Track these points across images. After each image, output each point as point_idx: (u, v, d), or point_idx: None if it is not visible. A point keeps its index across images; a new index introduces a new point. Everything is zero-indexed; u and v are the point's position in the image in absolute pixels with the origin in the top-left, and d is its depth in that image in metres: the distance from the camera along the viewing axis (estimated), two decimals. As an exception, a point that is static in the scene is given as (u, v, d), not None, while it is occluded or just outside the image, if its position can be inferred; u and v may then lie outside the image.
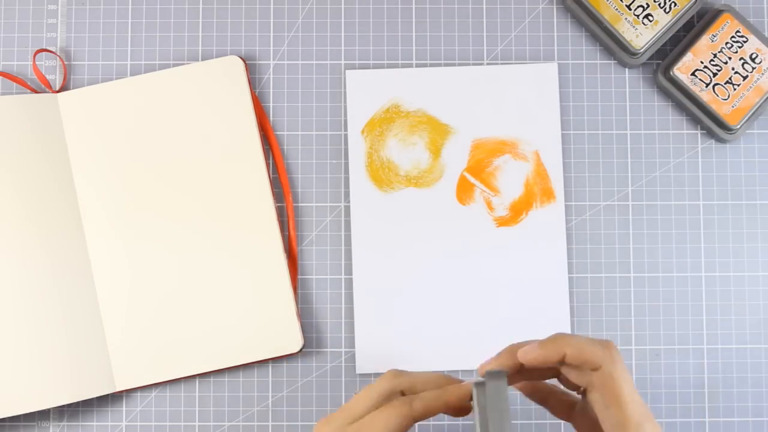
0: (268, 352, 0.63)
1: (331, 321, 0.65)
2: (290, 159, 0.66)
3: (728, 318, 0.65)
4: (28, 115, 0.64)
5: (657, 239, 0.65)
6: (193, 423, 0.64)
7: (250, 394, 0.64)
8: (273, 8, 0.67)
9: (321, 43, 0.67)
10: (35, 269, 0.62)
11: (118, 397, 0.64)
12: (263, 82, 0.67)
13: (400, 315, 0.64)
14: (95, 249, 0.64)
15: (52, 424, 0.64)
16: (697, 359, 0.65)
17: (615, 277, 0.65)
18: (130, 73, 0.67)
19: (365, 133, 0.66)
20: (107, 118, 0.65)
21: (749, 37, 0.64)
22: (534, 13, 0.67)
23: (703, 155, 0.66)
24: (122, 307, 0.63)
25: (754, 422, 0.64)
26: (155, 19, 0.67)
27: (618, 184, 0.66)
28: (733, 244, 0.66)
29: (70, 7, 0.67)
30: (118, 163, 0.64)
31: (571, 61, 0.67)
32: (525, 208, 0.65)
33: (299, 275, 0.65)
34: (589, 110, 0.66)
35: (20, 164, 0.63)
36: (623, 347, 0.65)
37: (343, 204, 0.66)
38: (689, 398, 0.64)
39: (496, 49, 0.67)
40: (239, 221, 0.64)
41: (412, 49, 0.67)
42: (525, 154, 0.65)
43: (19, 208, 0.63)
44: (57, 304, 0.62)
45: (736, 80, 0.64)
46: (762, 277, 0.65)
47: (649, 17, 0.64)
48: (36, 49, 0.67)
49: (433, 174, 0.65)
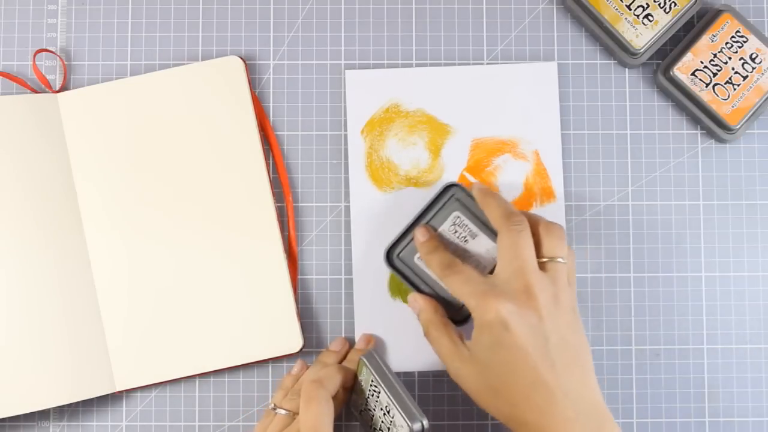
0: (268, 352, 0.63)
1: (331, 321, 0.65)
2: (290, 159, 0.66)
3: (728, 318, 0.65)
4: (28, 115, 0.64)
5: (657, 239, 0.65)
6: (193, 423, 0.64)
7: (250, 394, 0.64)
8: (273, 8, 0.67)
9: (321, 43, 0.67)
10: (36, 269, 0.62)
11: (118, 397, 0.64)
12: (263, 82, 0.67)
13: (400, 315, 0.64)
14: (95, 249, 0.64)
15: (52, 424, 0.64)
16: (697, 359, 0.64)
17: (615, 277, 0.65)
18: (130, 73, 0.67)
19: (365, 133, 0.66)
20: (107, 118, 0.65)
21: (749, 37, 0.64)
22: (534, 13, 0.67)
23: (703, 155, 0.66)
24: (122, 307, 0.63)
25: (754, 422, 0.64)
26: (155, 19, 0.67)
27: (618, 184, 0.66)
28: (733, 244, 0.66)
29: (70, 7, 0.67)
30: (118, 163, 0.64)
31: (571, 61, 0.67)
32: (525, 208, 0.65)
33: (299, 275, 0.65)
34: (589, 110, 0.66)
35: (20, 164, 0.63)
36: (623, 347, 0.65)
37: (343, 204, 0.66)
38: (689, 398, 0.64)
39: (496, 49, 0.67)
40: (239, 221, 0.64)
41: (412, 49, 0.67)
42: (525, 153, 0.65)
43: (19, 208, 0.63)
44: (57, 304, 0.62)
45: (736, 80, 0.64)
46: (762, 277, 0.65)
47: (649, 17, 0.64)
48: (36, 49, 0.67)
49: (432, 174, 0.65)
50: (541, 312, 0.52)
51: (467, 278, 0.54)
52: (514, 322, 0.51)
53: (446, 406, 0.64)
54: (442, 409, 0.64)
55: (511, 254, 0.53)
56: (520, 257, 0.53)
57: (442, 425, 0.64)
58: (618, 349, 0.65)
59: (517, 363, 0.51)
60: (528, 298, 0.52)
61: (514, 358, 0.51)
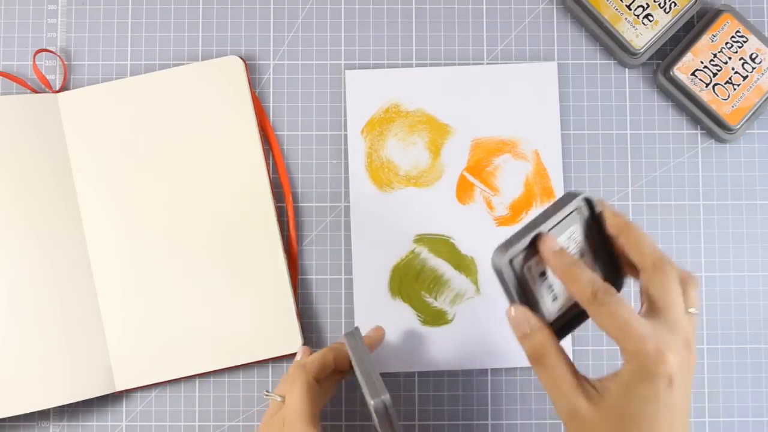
0: (268, 352, 0.63)
1: (331, 321, 0.65)
2: (290, 159, 0.66)
3: (728, 318, 0.65)
4: (28, 115, 0.64)
5: (657, 239, 0.65)
6: (193, 423, 0.64)
7: (250, 394, 0.64)
8: (273, 8, 0.67)
9: (321, 43, 0.67)
10: (35, 269, 0.62)
11: (118, 397, 0.64)
12: (263, 82, 0.67)
13: (400, 315, 0.64)
14: (95, 249, 0.64)
15: (52, 424, 0.64)
16: (697, 359, 0.64)
17: (615, 277, 0.65)
18: (130, 73, 0.67)
19: (365, 133, 0.66)
20: (107, 118, 0.65)
21: (749, 37, 0.64)
22: (534, 13, 0.67)
23: (703, 155, 0.66)
24: (122, 307, 0.63)
25: (754, 422, 0.64)
26: (155, 19, 0.67)
27: (618, 184, 0.66)
28: (733, 244, 0.65)
29: (70, 7, 0.67)
30: (118, 163, 0.64)
31: (571, 61, 0.67)
32: (525, 208, 0.65)
33: (299, 275, 0.65)
34: (589, 110, 0.66)
35: (20, 164, 0.63)
36: (623, 347, 0.64)
37: (343, 204, 0.66)
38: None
39: (496, 49, 0.67)
40: (239, 221, 0.64)
41: (412, 49, 0.67)
42: (525, 153, 0.65)
43: (19, 208, 0.63)
44: (57, 304, 0.62)
45: (736, 80, 0.64)
46: (762, 277, 0.65)
47: (649, 17, 0.64)
48: (36, 49, 0.67)
49: (432, 174, 0.65)
50: (691, 370, 0.48)
51: (631, 314, 0.46)
52: (678, 380, 0.46)
53: (446, 406, 0.64)
54: (442, 409, 0.64)
55: (674, 301, 0.47)
56: (679, 307, 0.47)
57: (442, 425, 0.64)
58: (618, 349, 0.64)
59: (668, 422, 0.46)
60: (688, 353, 0.47)
61: (666, 417, 0.46)
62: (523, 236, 0.47)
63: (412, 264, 0.65)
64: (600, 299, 0.46)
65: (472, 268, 0.65)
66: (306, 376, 0.55)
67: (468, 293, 0.65)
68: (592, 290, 0.46)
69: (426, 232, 0.65)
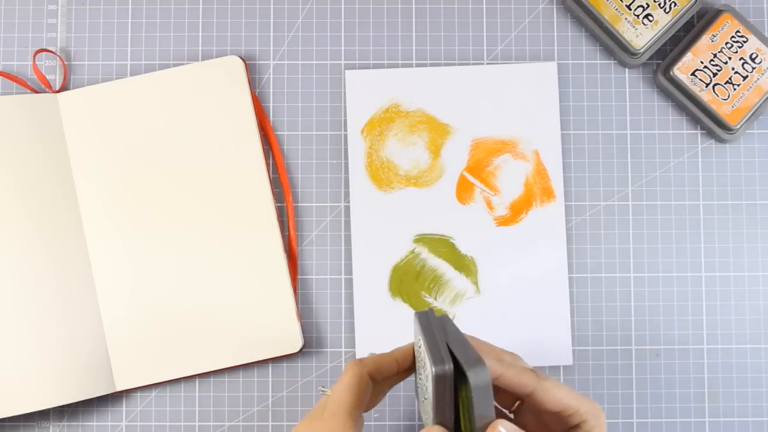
0: (268, 352, 0.63)
1: (331, 321, 0.65)
2: (290, 159, 0.66)
3: (728, 318, 0.65)
4: (28, 115, 0.64)
5: (657, 239, 0.65)
6: (193, 423, 0.64)
7: (250, 394, 0.64)
8: (273, 8, 0.67)
9: (321, 43, 0.67)
10: (35, 269, 0.62)
11: (118, 397, 0.64)
12: (263, 82, 0.67)
13: (400, 315, 0.64)
14: (95, 249, 0.64)
15: (52, 424, 0.64)
16: (697, 359, 0.64)
17: (615, 277, 0.65)
18: (130, 73, 0.67)
19: (365, 133, 0.66)
20: (107, 118, 0.65)
21: (749, 37, 0.64)
22: (534, 13, 0.67)
23: (703, 155, 0.66)
24: (122, 307, 0.63)
25: (754, 422, 0.64)
26: (155, 19, 0.67)
27: (618, 184, 0.66)
28: (733, 244, 0.65)
29: (70, 7, 0.67)
30: (118, 163, 0.64)
31: (571, 61, 0.67)
32: (525, 208, 0.65)
33: (299, 275, 0.65)
34: (589, 110, 0.66)
35: (20, 164, 0.63)
36: (623, 347, 0.65)
37: (343, 204, 0.66)
38: (689, 398, 0.64)
39: (496, 49, 0.67)
40: (239, 221, 0.64)
41: (412, 49, 0.67)
42: (525, 153, 0.65)
43: (19, 208, 0.63)
44: (57, 304, 0.62)
45: (736, 80, 0.64)
46: (762, 277, 0.65)
47: (649, 17, 0.64)
48: (36, 49, 0.67)
49: (432, 174, 0.65)
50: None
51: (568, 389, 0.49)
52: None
53: (446, 406, 0.64)
54: (442, 409, 0.64)
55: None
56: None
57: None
58: (618, 349, 0.65)
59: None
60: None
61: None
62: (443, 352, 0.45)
63: (412, 264, 0.65)
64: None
65: (472, 268, 0.65)
66: (359, 369, 0.50)
67: (468, 293, 0.65)
68: None
69: (426, 232, 0.65)
